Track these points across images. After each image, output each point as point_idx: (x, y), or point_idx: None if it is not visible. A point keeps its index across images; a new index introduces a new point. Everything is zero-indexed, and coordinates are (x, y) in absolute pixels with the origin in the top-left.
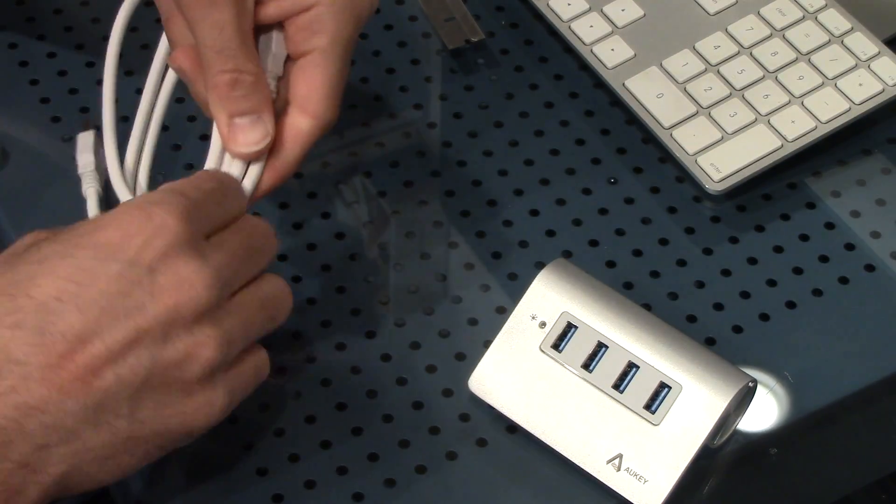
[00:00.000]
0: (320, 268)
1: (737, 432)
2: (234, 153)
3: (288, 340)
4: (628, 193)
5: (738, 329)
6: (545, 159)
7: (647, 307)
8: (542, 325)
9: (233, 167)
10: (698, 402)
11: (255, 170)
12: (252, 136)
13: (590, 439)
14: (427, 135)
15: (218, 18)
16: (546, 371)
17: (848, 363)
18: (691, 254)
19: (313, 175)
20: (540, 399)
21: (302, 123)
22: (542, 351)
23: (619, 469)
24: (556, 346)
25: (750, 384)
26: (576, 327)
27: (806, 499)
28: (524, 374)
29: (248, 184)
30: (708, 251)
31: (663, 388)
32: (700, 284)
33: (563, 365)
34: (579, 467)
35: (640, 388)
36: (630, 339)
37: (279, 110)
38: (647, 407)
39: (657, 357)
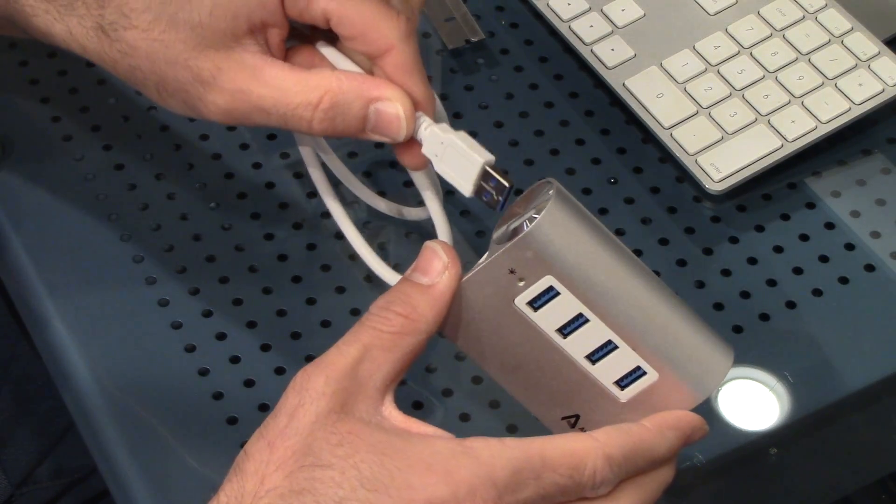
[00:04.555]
0: (320, 268)
1: (737, 432)
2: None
3: (287, 341)
4: (628, 193)
5: (738, 329)
6: (545, 159)
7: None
8: (521, 280)
9: None
10: (670, 395)
11: None
12: None
13: (550, 392)
14: None
15: None
16: (518, 323)
17: (848, 363)
18: (691, 254)
19: None
20: (505, 345)
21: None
22: (517, 306)
23: (573, 426)
24: (533, 304)
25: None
26: (558, 293)
27: (806, 499)
28: (493, 322)
29: None
30: (708, 251)
31: (637, 370)
32: (700, 284)
33: (536, 324)
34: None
35: (615, 365)
36: (614, 318)
37: None
38: (618, 383)
39: (639, 341)
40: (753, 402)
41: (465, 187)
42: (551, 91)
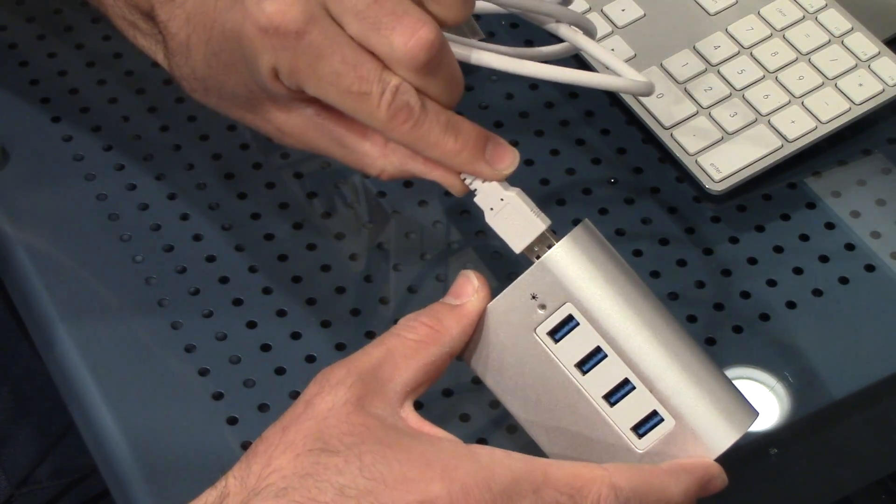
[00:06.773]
0: (320, 268)
1: None
2: (503, 176)
3: (288, 341)
4: (628, 193)
5: (738, 329)
6: (545, 159)
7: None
8: (542, 307)
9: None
10: (687, 447)
11: None
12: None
13: (569, 437)
14: None
15: None
16: (539, 356)
17: (848, 363)
18: (691, 254)
19: (313, 175)
20: (527, 380)
21: None
22: (538, 335)
23: None
24: (553, 335)
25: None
26: (577, 323)
27: (806, 499)
28: (515, 353)
29: None
30: (708, 251)
31: (654, 416)
32: (700, 284)
33: (556, 357)
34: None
35: (632, 408)
36: (631, 354)
37: None
38: (635, 429)
39: (657, 382)
40: (753, 402)
41: (518, 245)
42: (551, 91)
